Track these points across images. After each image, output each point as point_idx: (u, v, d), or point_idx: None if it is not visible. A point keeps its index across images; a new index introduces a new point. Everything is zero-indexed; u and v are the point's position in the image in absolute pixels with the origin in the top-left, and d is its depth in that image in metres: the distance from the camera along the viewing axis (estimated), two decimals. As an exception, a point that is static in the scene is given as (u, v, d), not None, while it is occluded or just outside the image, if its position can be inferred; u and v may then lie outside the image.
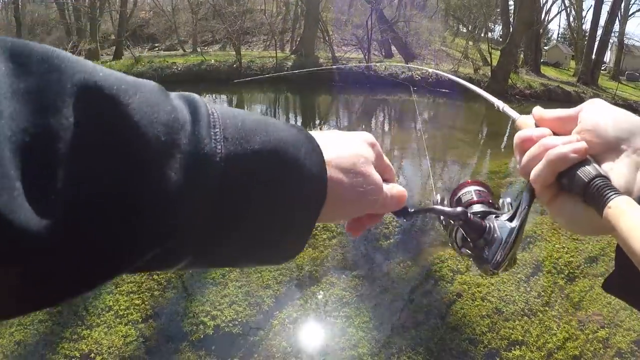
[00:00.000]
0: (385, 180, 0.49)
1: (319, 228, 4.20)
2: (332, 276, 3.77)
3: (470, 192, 0.63)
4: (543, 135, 0.52)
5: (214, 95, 15.91)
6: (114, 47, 22.36)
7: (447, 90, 14.03)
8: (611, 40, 27.12)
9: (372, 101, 14.62)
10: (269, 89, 15.83)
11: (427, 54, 19.81)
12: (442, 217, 0.59)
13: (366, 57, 15.67)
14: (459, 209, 0.55)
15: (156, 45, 25.22)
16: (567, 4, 32.71)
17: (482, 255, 0.56)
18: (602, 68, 28.06)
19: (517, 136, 0.54)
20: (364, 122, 12.11)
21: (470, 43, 20.76)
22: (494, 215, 0.57)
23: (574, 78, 23.32)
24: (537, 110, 0.57)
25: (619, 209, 0.40)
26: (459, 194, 0.64)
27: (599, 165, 0.48)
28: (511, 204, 0.58)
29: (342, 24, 20.42)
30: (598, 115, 0.50)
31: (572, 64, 31.48)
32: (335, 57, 16.23)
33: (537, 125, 0.56)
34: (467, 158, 8.45)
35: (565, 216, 0.50)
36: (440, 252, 4.14)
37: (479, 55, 19.68)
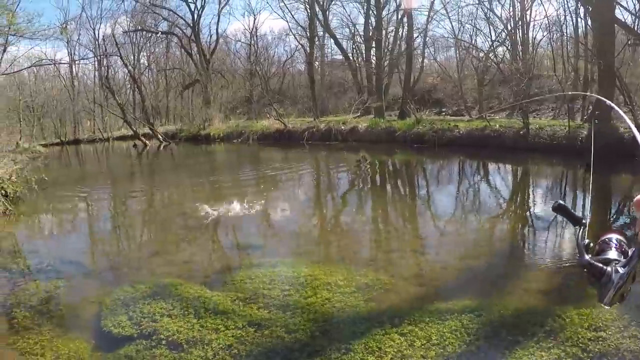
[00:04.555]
0: None
1: None
2: None
3: (611, 239, 1.01)
4: None
5: (496, 165, 17.28)
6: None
7: None
8: None
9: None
10: (559, 162, 15.87)
11: None
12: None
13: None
14: (585, 257, 0.96)
15: (443, 110, 28.98)
16: None
17: (600, 292, 0.93)
18: None
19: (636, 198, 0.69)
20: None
21: None
22: (615, 262, 0.92)
23: None
24: None
25: None
26: (604, 237, 1.03)
27: None
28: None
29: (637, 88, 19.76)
30: None
31: None
32: (639, 124, 15.83)
33: None
34: None
35: None
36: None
37: None
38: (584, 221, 1.08)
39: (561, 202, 1.26)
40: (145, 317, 5.20)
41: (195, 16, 39.82)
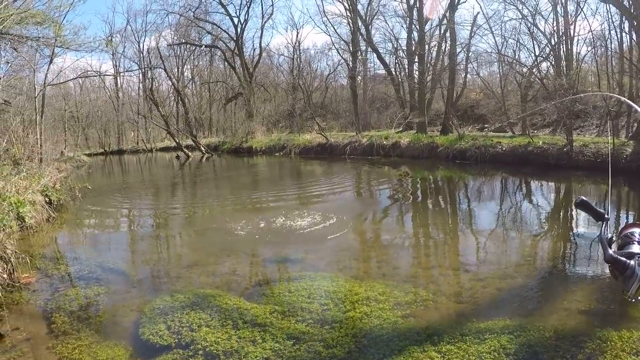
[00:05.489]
0: None
1: None
2: None
3: (634, 233, 1.80)
4: None
5: (539, 182, 16.89)
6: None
7: None
8: None
9: None
10: (603, 180, 15.02)
11: None
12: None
13: None
14: (609, 252, 1.74)
15: (485, 126, 28.46)
16: None
17: (624, 285, 1.79)
18: None
19: None
20: None
21: None
22: (638, 255, 1.71)
23: None
24: None
25: None
26: (626, 232, 1.82)
27: None
28: None
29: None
30: None
31: None
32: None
33: None
34: None
35: None
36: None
37: None
38: (606, 216, 1.17)
39: (583, 197, 1.30)
40: (184, 326, 5.24)
41: (239, 30, 40.66)
